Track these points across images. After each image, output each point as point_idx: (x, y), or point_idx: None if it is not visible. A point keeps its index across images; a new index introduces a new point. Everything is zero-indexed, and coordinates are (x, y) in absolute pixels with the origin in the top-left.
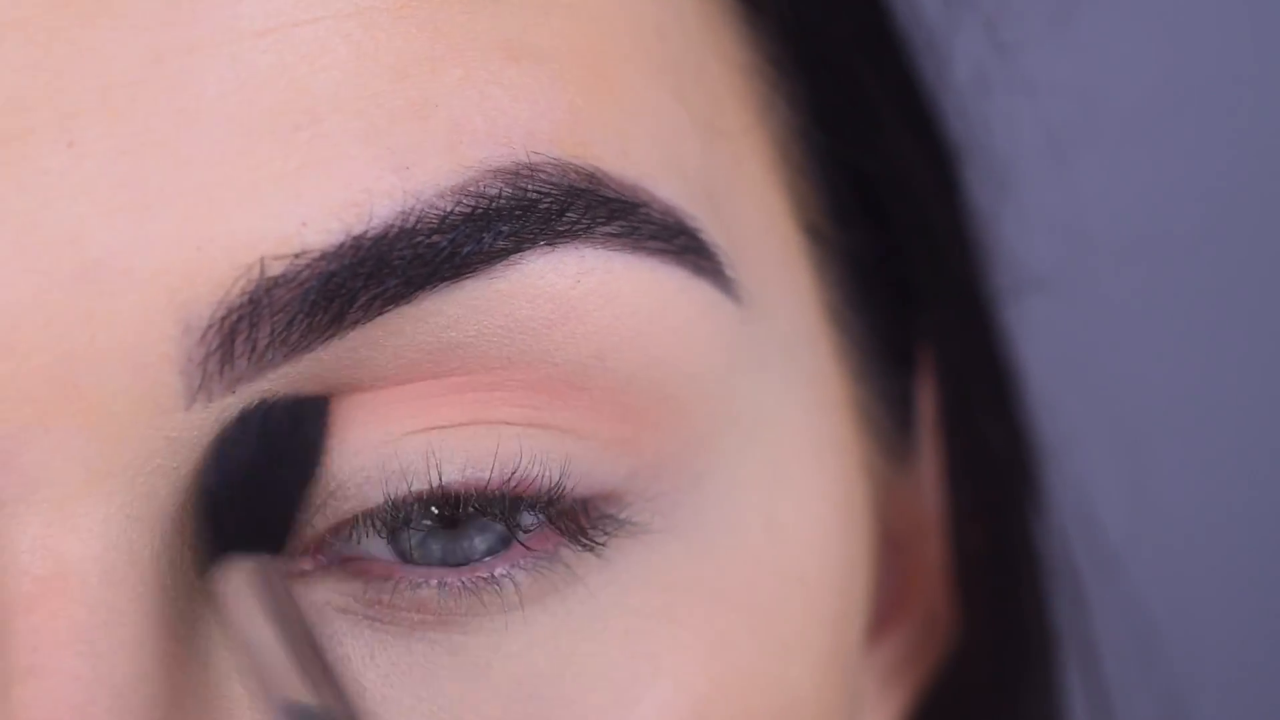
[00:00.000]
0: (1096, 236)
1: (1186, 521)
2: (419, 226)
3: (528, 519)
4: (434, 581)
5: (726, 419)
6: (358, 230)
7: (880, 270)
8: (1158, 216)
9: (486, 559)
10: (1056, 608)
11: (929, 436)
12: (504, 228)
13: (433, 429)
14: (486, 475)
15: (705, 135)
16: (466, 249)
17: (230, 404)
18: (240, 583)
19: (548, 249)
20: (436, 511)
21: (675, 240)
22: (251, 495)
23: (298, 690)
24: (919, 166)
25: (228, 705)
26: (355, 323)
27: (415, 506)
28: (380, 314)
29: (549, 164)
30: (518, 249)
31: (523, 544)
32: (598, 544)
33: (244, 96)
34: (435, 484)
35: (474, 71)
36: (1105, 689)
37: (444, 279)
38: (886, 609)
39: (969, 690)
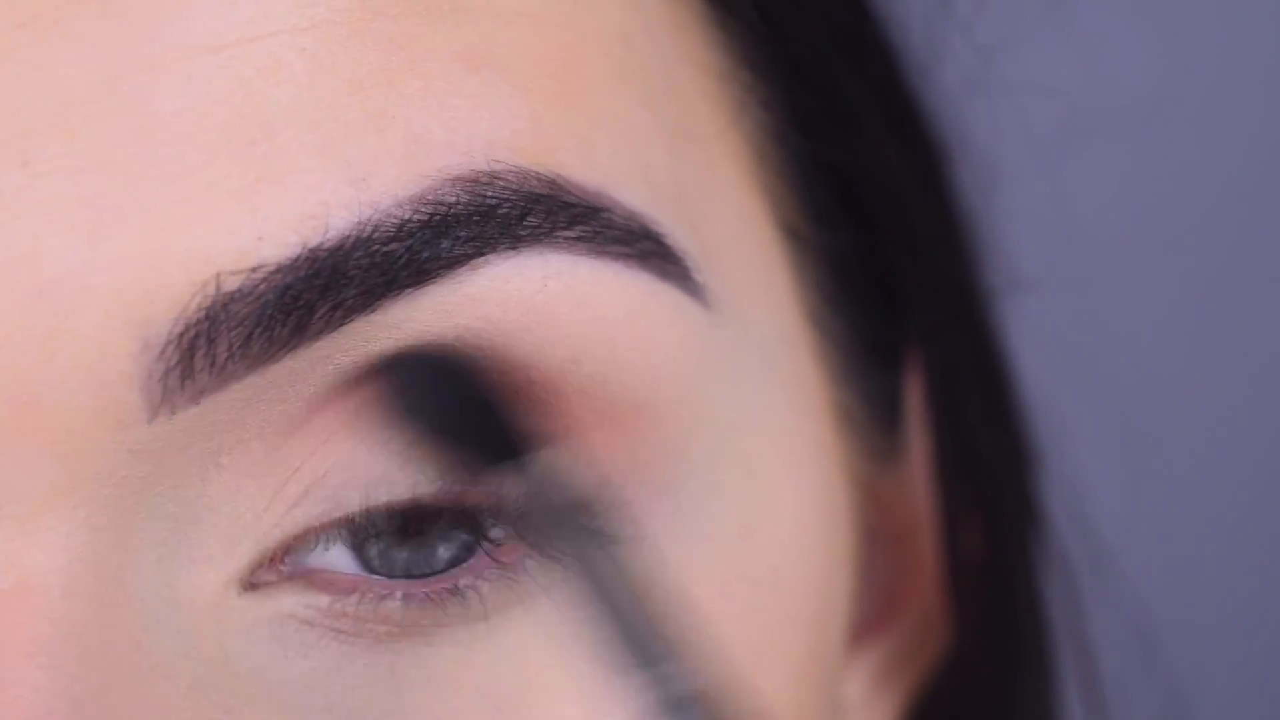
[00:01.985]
0: (1088, 235)
1: (1184, 520)
2: (375, 235)
3: (497, 531)
4: (399, 594)
5: (699, 424)
6: (314, 242)
7: (863, 270)
8: (1150, 215)
9: (451, 570)
10: (1052, 608)
11: (918, 435)
12: (463, 233)
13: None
14: (461, 486)
15: (675, 141)
16: (424, 255)
17: (196, 414)
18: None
19: (511, 252)
20: (406, 522)
21: (638, 245)
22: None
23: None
24: (901, 167)
25: (191, 718)
26: (319, 333)
27: (384, 517)
28: (344, 323)
29: (509, 171)
30: (480, 253)
31: (490, 555)
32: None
33: (199, 113)
34: (409, 495)
35: (433, 82)
36: (1102, 690)
37: (405, 286)
38: (878, 610)
39: (964, 693)
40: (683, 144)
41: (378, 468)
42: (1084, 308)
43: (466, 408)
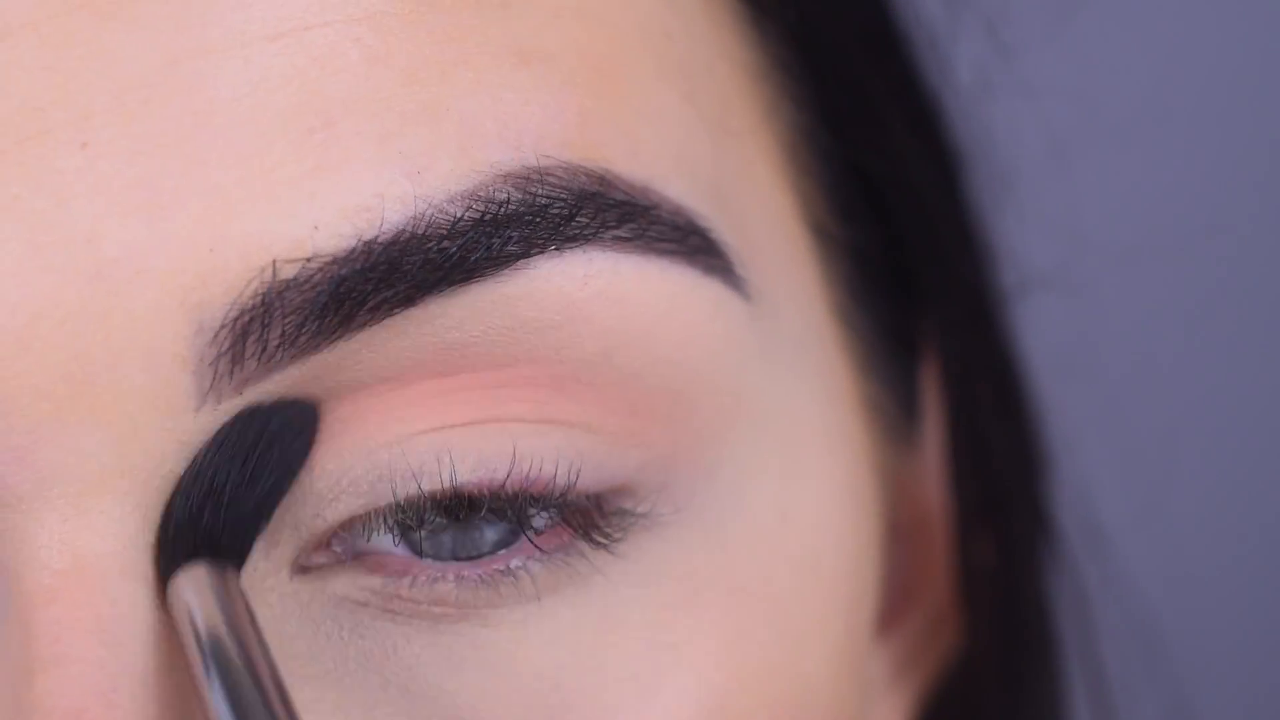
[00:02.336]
0: (1098, 237)
1: (1190, 522)
2: (429, 233)
3: (539, 519)
4: (450, 576)
5: (736, 412)
6: (369, 235)
7: (885, 265)
8: (1160, 216)
9: (500, 551)
10: (1059, 609)
11: (934, 426)
12: (514, 233)
13: (443, 428)
14: (499, 474)
15: (715, 135)
16: (475, 255)
17: (237, 405)
18: (192, 586)
19: (556, 253)
20: (448, 510)
21: (687, 241)
22: (219, 506)
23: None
24: (921, 166)
25: None
26: (363, 325)
27: (427, 505)
28: (388, 316)
29: (559, 167)
30: (526, 254)
31: (534, 543)
32: (613, 539)
33: (257, 99)
34: (448, 484)
35: (485, 75)
36: (1108, 691)
37: (454, 283)
38: (895, 601)
39: (974, 694)
40: (721, 139)
41: (414, 460)
42: (1095, 310)
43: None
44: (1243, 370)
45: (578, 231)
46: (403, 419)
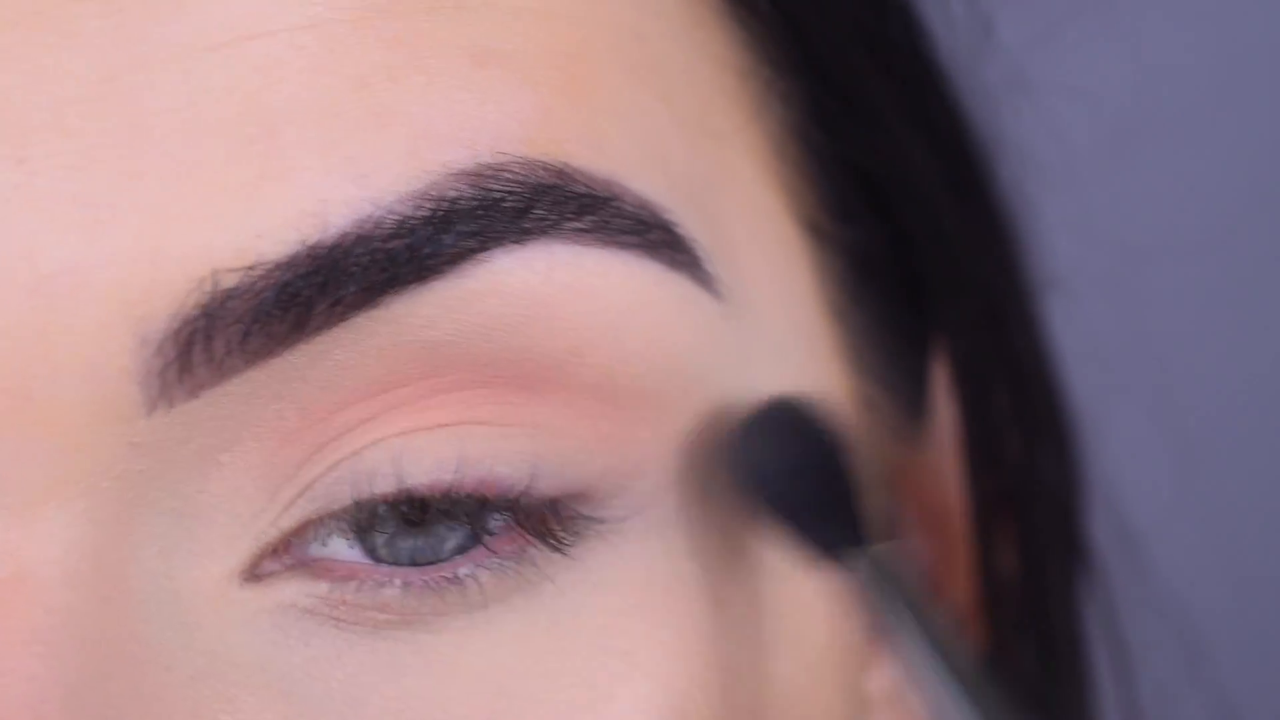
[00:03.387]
0: (1126, 238)
1: (1220, 523)
2: (376, 232)
3: (494, 521)
4: (398, 581)
5: (708, 414)
6: (313, 239)
7: (888, 263)
8: (1187, 218)
9: (454, 558)
10: (1090, 612)
11: (946, 425)
12: (465, 228)
13: (410, 431)
14: (453, 477)
15: (691, 135)
16: (426, 251)
17: (194, 408)
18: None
19: (516, 246)
20: (403, 512)
21: (649, 234)
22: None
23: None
24: (926, 165)
25: (191, 708)
26: (318, 329)
27: (381, 508)
28: (343, 319)
29: (515, 162)
30: (484, 248)
31: (487, 547)
32: (565, 544)
33: (196, 111)
34: (401, 486)
35: (438, 78)
36: (1137, 695)
37: (407, 282)
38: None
39: None
40: (700, 139)
41: (368, 462)
42: (1121, 310)
43: (825, 492)
44: (1273, 369)
45: (535, 224)
46: (375, 421)
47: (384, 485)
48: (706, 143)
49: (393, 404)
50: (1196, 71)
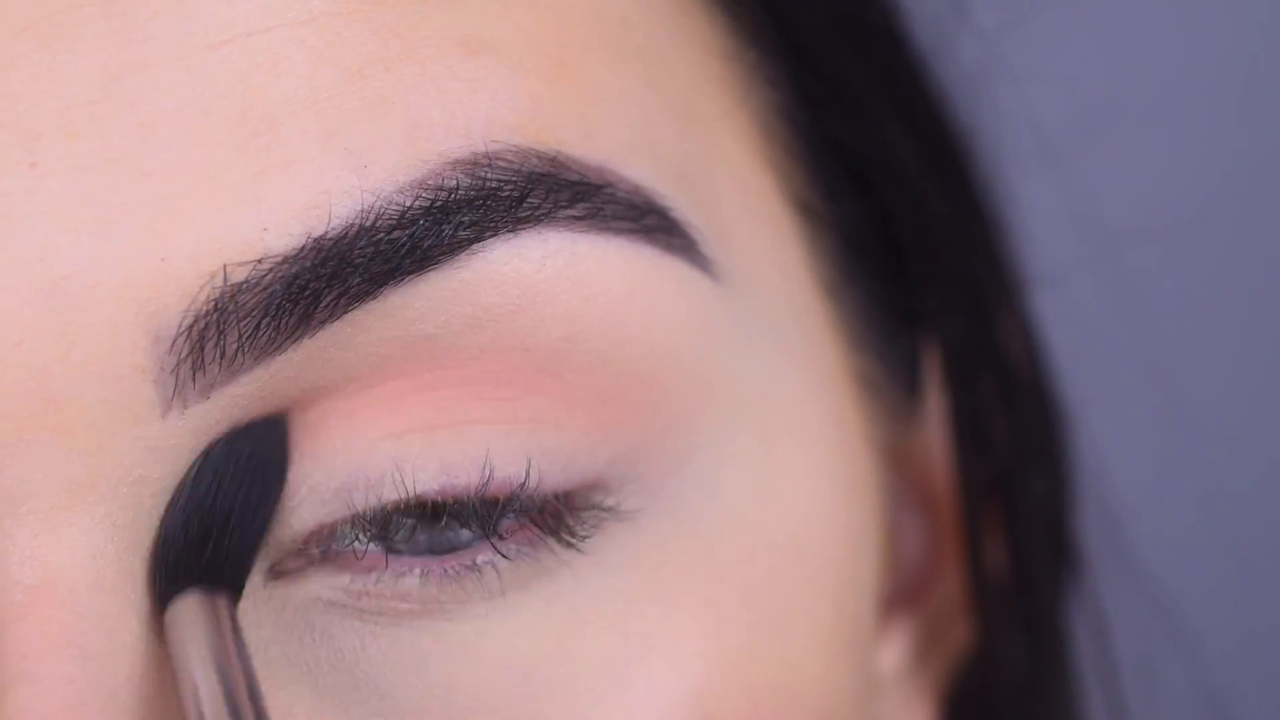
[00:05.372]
0: (1111, 223)
1: (1210, 512)
2: (378, 224)
3: (507, 522)
4: (417, 570)
5: (709, 396)
6: (318, 231)
7: (879, 241)
8: (1174, 203)
9: (472, 545)
10: (1078, 610)
11: (936, 403)
12: (464, 218)
13: (405, 433)
14: (461, 481)
15: (680, 119)
16: (427, 242)
17: (206, 410)
18: (187, 619)
19: (510, 235)
20: (414, 515)
21: (643, 220)
22: (208, 539)
23: None
24: (906, 148)
25: None
26: (323, 322)
27: (390, 514)
28: (346, 312)
29: (509, 151)
30: (479, 238)
31: (496, 548)
32: (580, 538)
33: (201, 108)
34: (410, 494)
35: (431, 67)
36: (1120, 687)
37: (407, 273)
38: (914, 580)
39: (987, 698)
40: (689, 123)
41: (373, 470)
42: (1099, 294)
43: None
44: (1258, 357)
45: (530, 213)
46: (369, 421)
47: (391, 494)
48: (696, 126)
49: (386, 400)
50: (1172, 55)
